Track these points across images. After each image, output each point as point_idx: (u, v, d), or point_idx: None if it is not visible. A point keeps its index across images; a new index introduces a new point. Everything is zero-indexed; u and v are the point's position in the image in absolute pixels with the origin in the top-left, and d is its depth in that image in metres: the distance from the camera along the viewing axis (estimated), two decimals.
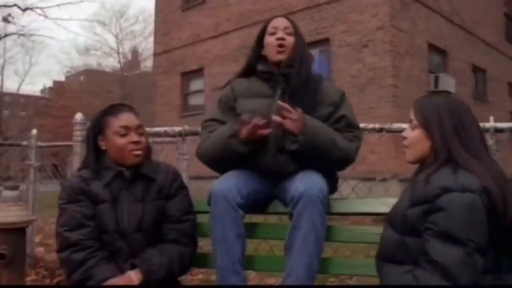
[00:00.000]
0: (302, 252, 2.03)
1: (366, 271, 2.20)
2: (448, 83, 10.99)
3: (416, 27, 10.68)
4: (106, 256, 2.07)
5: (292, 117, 2.15)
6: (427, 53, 11.09)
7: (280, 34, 2.39)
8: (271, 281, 3.54)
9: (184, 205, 2.25)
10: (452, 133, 1.82)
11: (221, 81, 10.86)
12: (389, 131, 2.94)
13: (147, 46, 42.91)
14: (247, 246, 2.20)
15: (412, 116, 1.93)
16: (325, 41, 10.98)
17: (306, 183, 2.09)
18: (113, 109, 2.22)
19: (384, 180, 7.52)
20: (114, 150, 2.17)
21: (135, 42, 41.86)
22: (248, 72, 2.53)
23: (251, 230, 2.28)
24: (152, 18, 17.03)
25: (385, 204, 2.24)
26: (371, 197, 2.46)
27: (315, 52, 10.99)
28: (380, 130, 2.93)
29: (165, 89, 14.83)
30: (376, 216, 2.36)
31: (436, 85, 10.89)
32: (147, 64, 40.68)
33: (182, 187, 2.29)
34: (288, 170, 2.27)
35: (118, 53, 39.67)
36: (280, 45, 2.38)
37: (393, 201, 2.22)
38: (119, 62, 39.70)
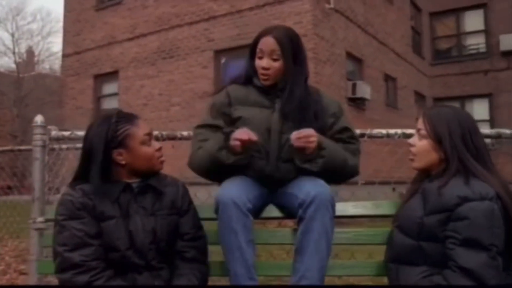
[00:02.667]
0: (315, 256, 2.06)
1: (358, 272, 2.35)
2: (364, 90, 11.43)
3: (336, 36, 11.01)
4: (113, 275, 1.90)
5: (310, 140, 2.18)
6: (345, 61, 11.46)
7: (264, 62, 2.31)
8: None
9: (197, 221, 2.17)
10: (461, 144, 1.93)
11: (137, 84, 10.58)
12: (370, 136, 2.95)
13: (45, 46, 40.90)
14: None
15: (421, 126, 2.01)
16: (248, 46, 10.93)
17: (316, 187, 2.12)
18: (126, 118, 2.03)
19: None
20: (141, 161, 2.02)
21: (33, 42, 39.73)
22: (245, 80, 2.45)
23: None
24: (51, 17, 16.40)
25: (379, 206, 2.41)
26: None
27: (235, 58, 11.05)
28: (362, 135, 2.92)
29: (76, 92, 14.12)
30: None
31: (353, 91, 11.28)
32: (45, 65, 38.77)
33: (191, 201, 2.18)
34: (288, 178, 2.29)
35: (14, 52, 37.30)
36: (264, 74, 2.32)
37: (383, 203, 2.41)
38: (15, 62, 37.40)
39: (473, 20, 16.05)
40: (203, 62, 11.68)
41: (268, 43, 2.32)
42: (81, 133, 3.05)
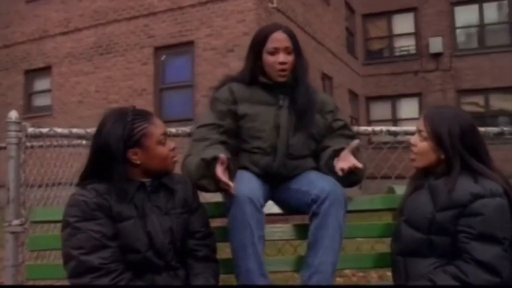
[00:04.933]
0: (330, 250, 2.10)
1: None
2: None
3: None
4: (133, 277, 1.83)
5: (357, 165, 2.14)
6: None
7: (281, 57, 2.33)
8: None
9: (206, 218, 2.13)
10: (461, 145, 2.01)
11: (72, 80, 10.18)
12: (357, 133, 3.03)
13: None
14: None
15: (422, 127, 2.09)
16: (189, 44, 10.88)
17: (330, 184, 2.16)
18: (142, 116, 1.94)
19: None
20: (156, 161, 1.95)
21: None
22: (247, 80, 2.43)
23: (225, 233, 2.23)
24: None
25: (373, 202, 2.51)
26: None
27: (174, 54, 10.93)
28: None
29: (5, 88, 13.41)
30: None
31: None
32: None
33: (199, 198, 2.15)
34: (294, 174, 2.35)
35: None
36: (283, 70, 2.33)
37: (376, 198, 2.52)
38: None
39: (404, 23, 16.68)
40: (143, 59, 11.44)
41: (281, 38, 2.35)
42: (61, 130, 2.93)
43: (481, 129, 3.00)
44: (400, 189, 2.50)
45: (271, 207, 2.40)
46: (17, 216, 2.74)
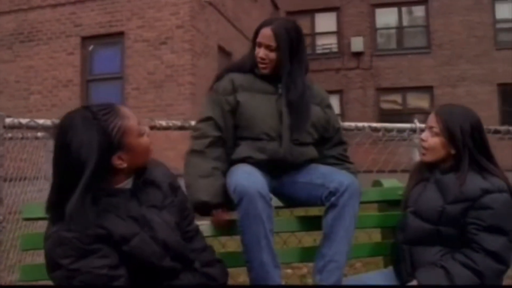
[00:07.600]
0: (344, 241, 2.20)
1: None
2: None
3: (210, 29, 11.12)
4: None
5: None
6: (217, 54, 11.62)
7: (261, 52, 2.41)
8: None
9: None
10: (472, 142, 2.17)
11: None
12: (343, 129, 3.17)
13: None
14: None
15: (433, 124, 2.22)
16: (120, 34, 10.64)
17: (347, 177, 2.27)
18: (109, 111, 1.63)
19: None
20: (142, 156, 1.71)
21: None
22: (245, 68, 2.50)
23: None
24: None
25: (366, 194, 2.52)
26: None
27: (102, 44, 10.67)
28: None
29: None
30: None
31: None
32: None
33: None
34: (299, 161, 2.42)
35: None
36: (261, 63, 2.43)
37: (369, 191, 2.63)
38: None
39: (327, 22, 17.21)
40: (68, 49, 11.02)
41: (265, 34, 2.39)
42: (42, 121, 2.83)
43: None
44: (387, 182, 2.66)
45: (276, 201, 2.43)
46: None
